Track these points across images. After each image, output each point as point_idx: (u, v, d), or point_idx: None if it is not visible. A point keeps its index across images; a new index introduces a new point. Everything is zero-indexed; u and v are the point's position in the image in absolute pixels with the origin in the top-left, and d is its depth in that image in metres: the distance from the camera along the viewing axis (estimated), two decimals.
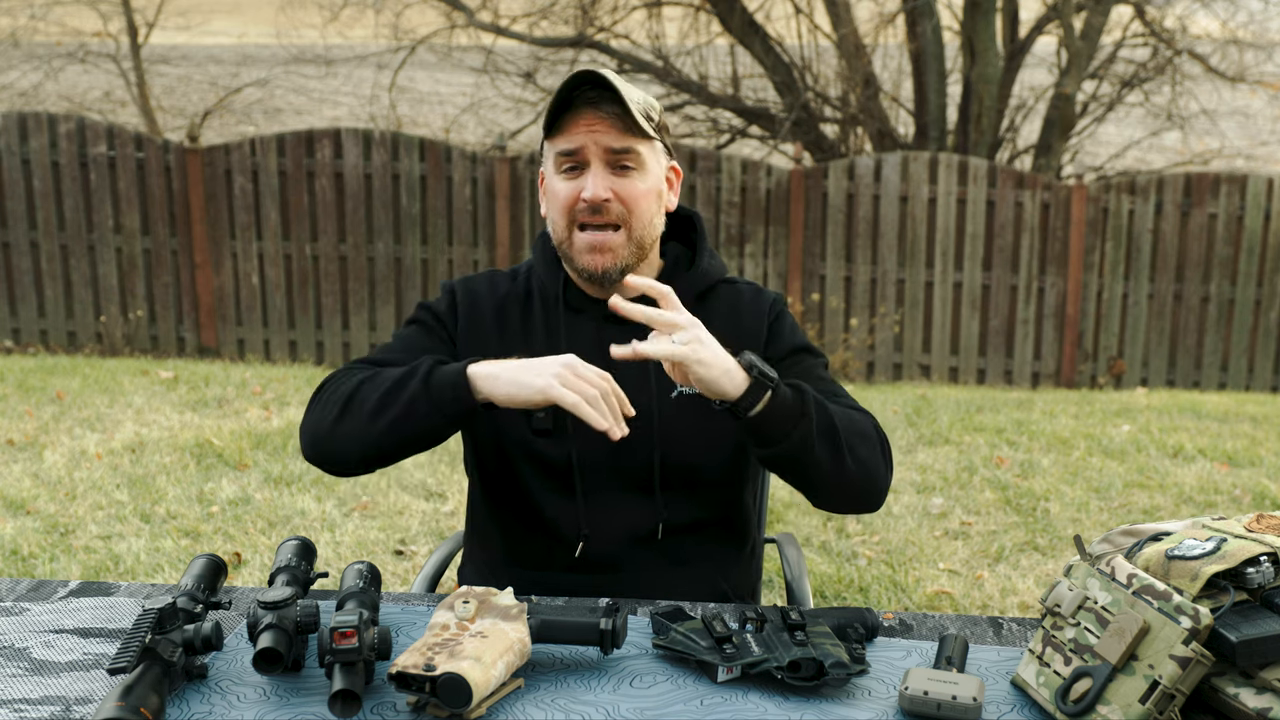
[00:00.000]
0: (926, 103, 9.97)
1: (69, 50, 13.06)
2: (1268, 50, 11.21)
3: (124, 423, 5.50)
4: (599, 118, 1.64)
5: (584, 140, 1.65)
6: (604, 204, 1.65)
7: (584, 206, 1.66)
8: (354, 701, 1.23)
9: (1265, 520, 1.35)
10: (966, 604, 3.62)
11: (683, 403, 1.73)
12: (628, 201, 1.66)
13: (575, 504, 1.73)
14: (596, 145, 1.65)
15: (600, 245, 1.67)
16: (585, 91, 1.64)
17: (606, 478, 1.73)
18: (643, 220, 1.69)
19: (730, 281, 1.84)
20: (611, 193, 1.65)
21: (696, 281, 1.78)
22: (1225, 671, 1.26)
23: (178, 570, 3.70)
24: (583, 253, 1.68)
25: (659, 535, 1.74)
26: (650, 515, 1.73)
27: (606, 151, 1.65)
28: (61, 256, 8.15)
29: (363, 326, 8.27)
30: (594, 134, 1.65)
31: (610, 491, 1.73)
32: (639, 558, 1.74)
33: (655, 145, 1.71)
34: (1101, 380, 8.30)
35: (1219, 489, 4.78)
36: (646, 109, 1.69)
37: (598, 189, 1.64)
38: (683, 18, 10.64)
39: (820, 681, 1.32)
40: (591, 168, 1.66)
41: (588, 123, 1.65)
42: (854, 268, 8.24)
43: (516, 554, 1.78)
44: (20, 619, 1.50)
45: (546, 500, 1.74)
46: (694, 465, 1.74)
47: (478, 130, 12.47)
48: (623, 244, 1.68)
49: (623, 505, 1.73)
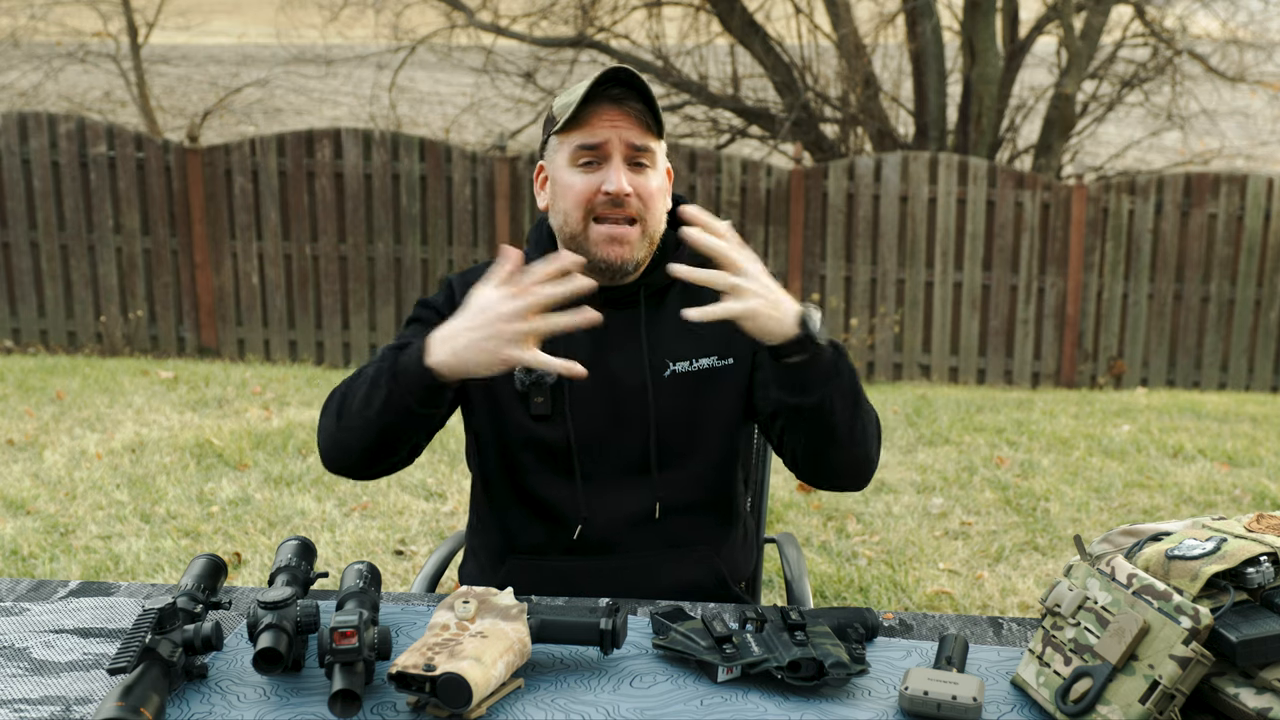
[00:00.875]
0: (926, 103, 9.97)
1: (69, 50, 13.06)
2: (1268, 50, 11.21)
3: (124, 423, 5.50)
4: (623, 114, 1.67)
5: (608, 135, 1.67)
6: (626, 198, 1.67)
7: (604, 200, 1.67)
8: (354, 701, 1.23)
9: (1265, 520, 1.35)
10: (966, 604, 3.62)
11: (676, 382, 1.75)
12: (645, 198, 1.69)
13: (574, 487, 1.75)
14: (620, 140, 1.67)
15: (619, 237, 1.69)
16: (609, 88, 1.67)
17: (604, 459, 1.75)
18: (656, 217, 1.72)
19: None
20: (632, 188, 1.68)
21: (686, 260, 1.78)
22: (1225, 671, 1.26)
23: (178, 570, 3.70)
24: (601, 244, 1.69)
25: (656, 516, 1.76)
26: (647, 496, 1.76)
27: (628, 147, 1.68)
28: (61, 256, 8.16)
29: (363, 326, 8.27)
30: (618, 129, 1.67)
31: (608, 473, 1.75)
32: (637, 539, 1.76)
33: (663, 145, 1.75)
34: (1101, 380, 8.30)
35: (1219, 489, 4.78)
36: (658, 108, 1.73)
37: (622, 183, 1.66)
38: (683, 18, 10.64)
39: (820, 681, 1.32)
40: (614, 162, 1.67)
41: (611, 118, 1.67)
42: (854, 268, 8.24)
43: (517, 540, 1.80)
44: (20, 619, 1.50)
45: (547, 484, 1.76)
46: (689, 444, 1.77)
47: (478, 130, 12.47)
48: (639, 238, 1.70)
49: (620, 487, 1.75)
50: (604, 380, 1.73)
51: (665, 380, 1.75)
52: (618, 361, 1.75)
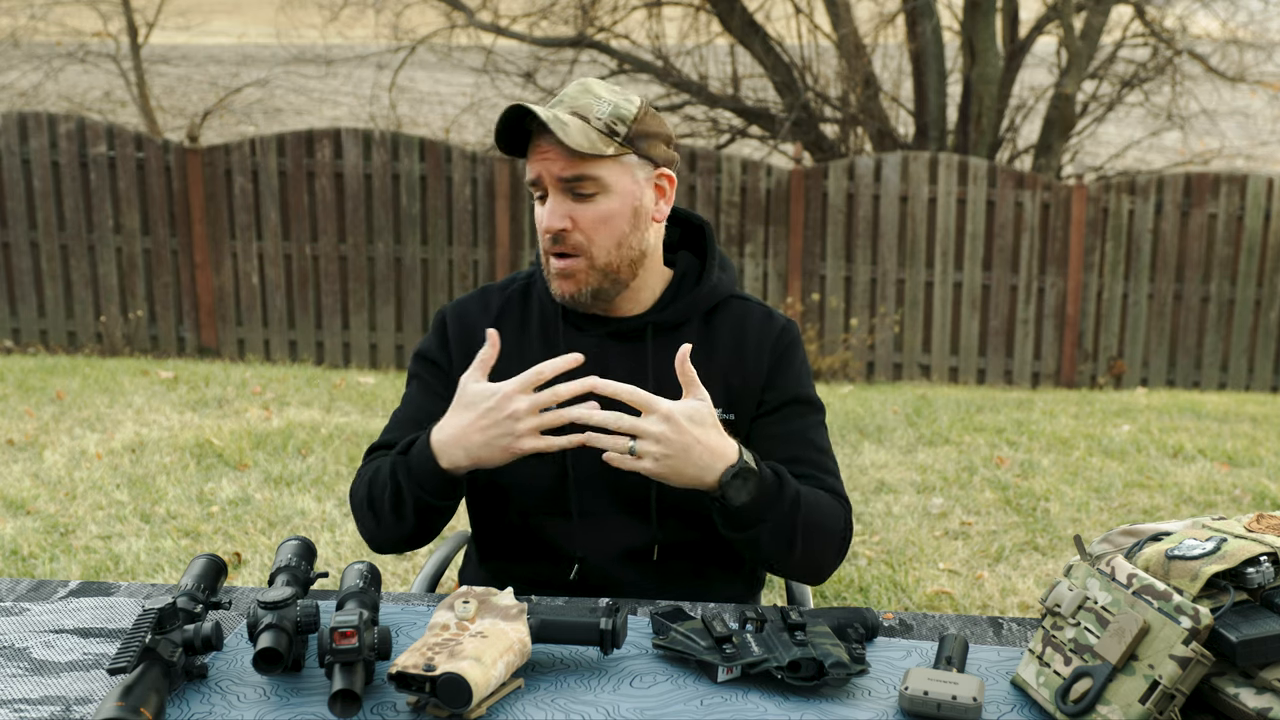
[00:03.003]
0: (926, 103, 9.97)
1: (69, 50, 13.06)
2: (1268, 50, 11.21)
3: (124, 423, 5.50)
4: (549, 144, 1.60)
5: (539, 169, 1.62)
6: (560, 233, 1.62)
7: (546, 237, 1.64)
8: (354, 701, 1.23)
9: (1265, 520, 1.35)
10: (966, 604, 3.62)
11: None
12: (586, 229, 1.62)
13: (570, 526, 1.71)
14: (549, 174, 1.61)
15: (564, 271, 1.65)
16: (531, 120, 1.61)
17: (601, 498, 1.71)
18: (605, 246, 1.64)
19: (743, 299, 1.79)
20: (569, 220, 1.62)
21: (703, 299, 1.74)
22: (1225, 671, 1.26)
23: (178, 570, 3.70)
24: (553, 279, 1.67)
25: (654, 556, 1.72)
26: (646, 536, 1.71)
27: (557, 181, 1.61)
28: (61, 256, 8.16)
29: (363, 326, 8.27)
30: (545, 162, 1.61)
31: (606, 512, 1.71)
32: (634, 578, 1.72)
33: (625, 161, 1.63)
34: (1101, 380, 8.30)
35: (1219, 489, 4.78)
36: (611, 122, 1.61)
37: (551, 219, 1.62)
38: (683, 18, 10.64)
39: (820, 681, 1.32)
40: (550, 196, 1.63)
41: (540, 151, 1.61)
42: (854, 268, 8.24)
43: (512, 577, 1.76)
44: (20, 619, 1.50)
45: (541, 523, 1.72)
46: (691, 490, 1.71)
47: (478, 130, 12.47)
48: (585, 270, 1.64)
49: (618, 526, 1.71)
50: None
51: None
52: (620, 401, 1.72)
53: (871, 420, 5.94)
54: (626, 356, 1.71)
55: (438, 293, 8.08)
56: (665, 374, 1.69)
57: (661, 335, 1.72)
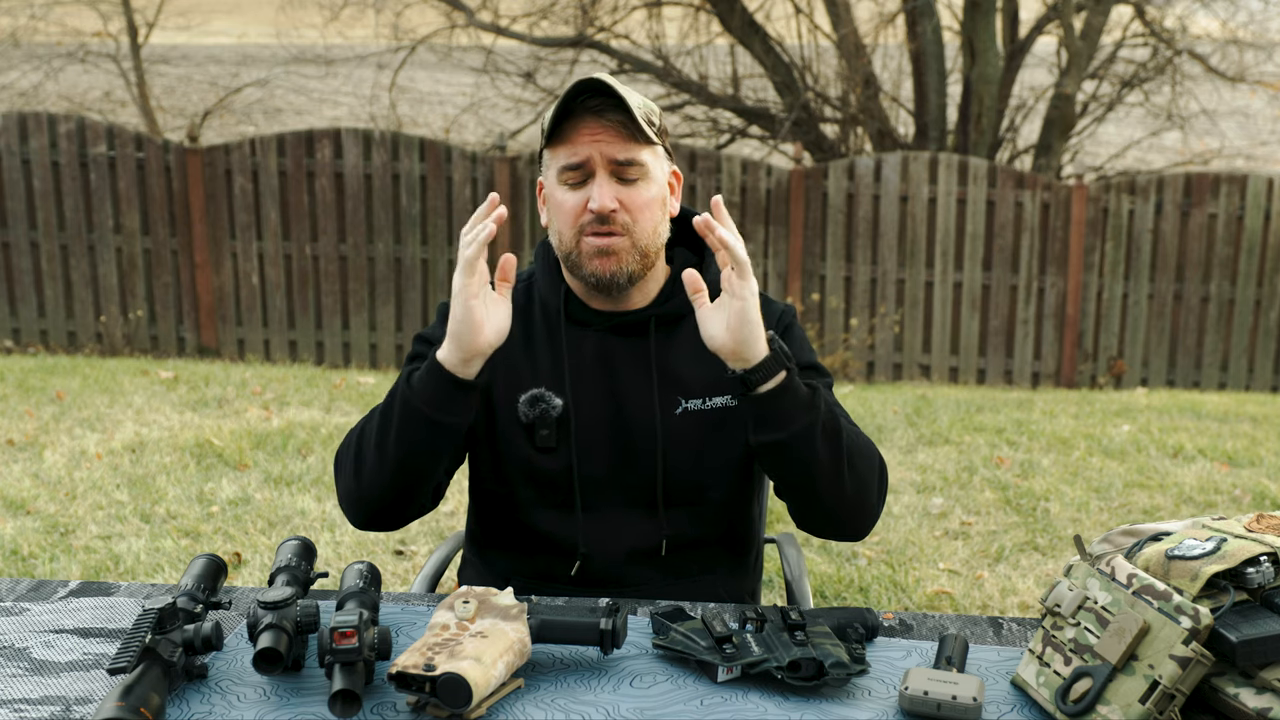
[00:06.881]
0: (926, 103, 9.97)
1: (69, 50, 13.06)
2: (1268, 50, 11.21)
3: (124, 423, 5.50)
4: (603, 127, 1.60)
5: (589, 151, 1.61)
6: (611, 214, 1.62)
7: (590, 218, 1.62)
8: (354, 701, 1.23)
9: (1265, 520, 1.35)
10: (966, 604, 3.62)
11: (688, 420, 1.71)
12: (633, 211, 1.63)
13: (575, 520, 1.71)
14: (601, 156, 1.61)
15: (607, 248, 1.63)
16: (587, 100, 1.61)
17: (608, 493, 1.71)
18: (646, 229, 1.65)
19: None
20: (618, 202, 1.62)
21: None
22: (1225, 671, 1.26)
23: (178, 570, 3.70)
24: (591, 258, 1.64)
25: (662, 551, 1.72)
26: (653, 531, 1.71)
27: (611, 163, 1.61)
28: (61, 256, 8.16)
29: (363, 326, 8.27)
30: (598, 144, 1.61)
31: (612, 507, 1.71)
32: (640, 573, 1.72)
33: (658, 151, 1.67)
34: (1101, 380, 8.30)
35: (1219, 489, 4.78)
36: (648, 114, 1.65)
37: (604, 199, 1.61)
38: (683, 18, 10.64)
39: (820, 681, 1.32)
40: (597, 178, 1.62)
41: (591, 132, 1.61)
42: (854, 268, 8.24)
43: (517, 571, 1.76)
44: (20, 619, 1.50)
45: (546, 518, 1.72)
46: (698, 482, 1.72)
47: (478, 130, 12.47)
48: (628, 249, 1.64)
49: (625, 521, 1.71)
50: (611, 412, 1.70)
51: (676, 417, 1.70)
52: (626, 393, 1.70)
53: (872, 420, 5.94)
54: (630, 350, 1.72)
55: (438, 293, 8.07)
56: (669, 367, 1.71)
57: (664, 328, 1.73)
